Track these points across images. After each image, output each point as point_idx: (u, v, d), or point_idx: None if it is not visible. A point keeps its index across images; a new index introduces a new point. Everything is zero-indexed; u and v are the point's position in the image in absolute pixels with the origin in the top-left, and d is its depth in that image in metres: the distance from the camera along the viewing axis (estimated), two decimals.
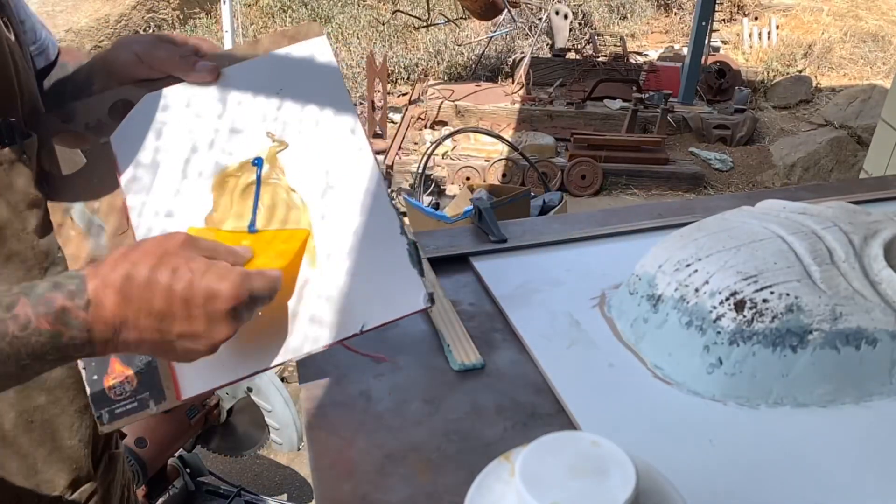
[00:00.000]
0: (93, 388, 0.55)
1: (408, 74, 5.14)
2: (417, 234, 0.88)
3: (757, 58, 5.43)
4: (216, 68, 0.61)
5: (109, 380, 0.55)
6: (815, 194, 0.99)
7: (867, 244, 0.68)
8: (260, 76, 0.61)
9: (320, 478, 0.53)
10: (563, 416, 0.59)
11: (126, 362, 0.55)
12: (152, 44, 0.60)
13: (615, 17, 6.07)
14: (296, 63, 0.62)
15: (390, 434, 0.57)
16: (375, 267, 0.57)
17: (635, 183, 3.72)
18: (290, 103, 0.61)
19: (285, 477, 1.72)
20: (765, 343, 0.60)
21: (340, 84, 0.63)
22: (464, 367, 0.65)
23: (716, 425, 0.58)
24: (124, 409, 0.55)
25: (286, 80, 0.62)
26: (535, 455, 0.38)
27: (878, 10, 6.07)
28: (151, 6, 5.40)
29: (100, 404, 0.55)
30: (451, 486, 0.52)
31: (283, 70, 0.62)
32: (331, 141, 0.60)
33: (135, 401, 0.55)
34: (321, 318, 0.56)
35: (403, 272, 0.56)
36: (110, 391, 0.55)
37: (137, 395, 0.55)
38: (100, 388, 0.55)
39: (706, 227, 0.71)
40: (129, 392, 0.55)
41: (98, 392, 0.55)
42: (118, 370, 0.55)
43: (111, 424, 0.55)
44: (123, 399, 0.55)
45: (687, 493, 0.40)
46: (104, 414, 0.55)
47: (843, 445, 0.57)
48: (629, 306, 0.71)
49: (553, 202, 2.69)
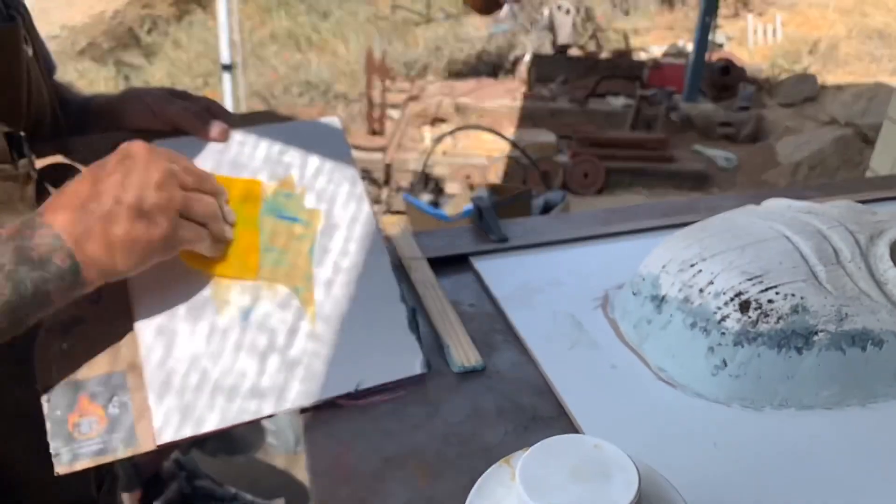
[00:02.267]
0: (54, 424, 0.50)
1: (407, 71, 5.14)
2: (417, 233, 0.88)
3: (762, 55, 5.41)
4: (227, 129, 0.62)
5: (75, 416, 0.51)
6: (820, 193, 0.98)
7: (873, 244, 0.67)
8: (270, 142, 0.64)
9: (317, 482, 0.53)
10: (564, 419, 0.59)
11: (96, 400, 0.52)
12: (165, 98, 0.62)
13: (618, 12, 6.05)
14: (307, 136, 0.66)
15: (389, 437, 0.57)
16: (374, 329, 0.59)
17: (639, 181, 3.71)
18: (297, 169, 0.64)
19: (282, 480, 1.72)
20: (770, 344, 0.59)
21: (349, 156, 0.66)
22: (464, 368, 0.64)
23: (720, 428, 0.58)
24: (87, 450, 0.50)
25: (296, 149, 0.64)
26: (536, 459, 0.38)
27: (884, 6, 6.03)
28: (146, 2, 5.41)
29: (60, 442, 0.50)
30: (451, 491, 0.51)
31: (294, 139, 0.65)
32: (337, 206, 0.63)
33: (101, 442, 0.51)
34: (316, 373, 0.56)
35: (401, 337, 0.59)
36: (74, 429, 0.51)
37: (105, 436, 0.51)
38: (62, 425, 0.50)
39: (711, 227, 0.70)
40: (96, 432, 0.51)
41: (59, 429, 0.50)
42: (86, 407, 0.51)
43: (70, 465, 0.50)
44: (88, 439, 0.50)
45: (690, 496, 0.39)
46: (63, 453, 0.50)
47: (848, 448, 0.56)
48: (632, 307, 0.70)
49: (555, 201, 2.68)
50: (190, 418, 0.53)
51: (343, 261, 0.61)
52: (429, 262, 0.80)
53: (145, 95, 0.62)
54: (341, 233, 0.62)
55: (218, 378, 0.55)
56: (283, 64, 5.20)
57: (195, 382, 0.54)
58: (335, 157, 0.66)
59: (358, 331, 0.58)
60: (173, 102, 0.61)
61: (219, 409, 0.53)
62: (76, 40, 4.86)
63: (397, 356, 0.58)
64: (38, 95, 0.58)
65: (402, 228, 0.87)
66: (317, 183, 0.64)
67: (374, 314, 0.60)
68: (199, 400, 0.53)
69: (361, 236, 0.63)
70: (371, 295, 0.60)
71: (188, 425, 0.53)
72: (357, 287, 0.60)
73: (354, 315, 0.59)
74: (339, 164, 0.65)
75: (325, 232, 0.62)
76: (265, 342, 0.57)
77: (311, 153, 0.65)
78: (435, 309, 0.71)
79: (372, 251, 0.62)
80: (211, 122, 0.60)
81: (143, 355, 0.54)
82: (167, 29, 5.47)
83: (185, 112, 0.60)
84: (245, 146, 0.63)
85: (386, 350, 0.58)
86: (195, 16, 5.70)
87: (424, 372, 0.58)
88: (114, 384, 0.52)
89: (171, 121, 0.60)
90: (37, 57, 0.58)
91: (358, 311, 0.59)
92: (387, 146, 3.74)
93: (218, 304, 0.57)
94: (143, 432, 0.52)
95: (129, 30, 5.28)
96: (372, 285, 0.61)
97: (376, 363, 0.58)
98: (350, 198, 0.64)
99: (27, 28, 0.57)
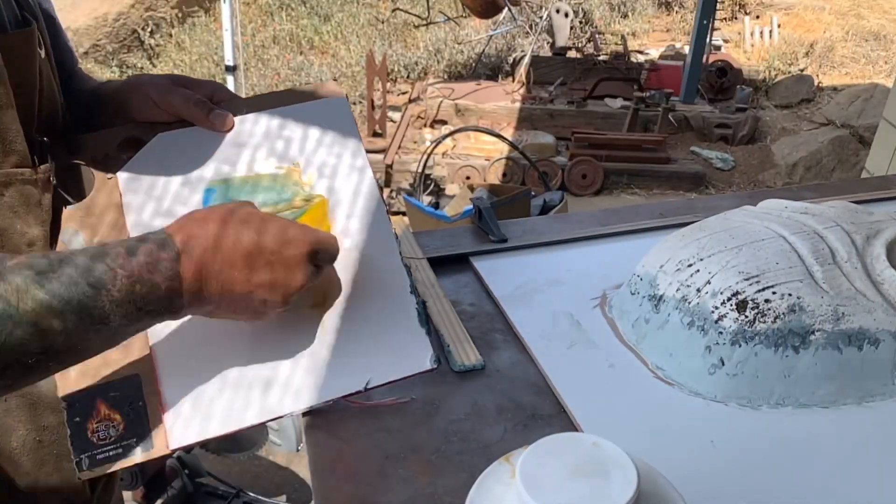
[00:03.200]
0: (74, 431, 0.50)
1: (407, 73, 5.14)
2: (417, 233, 0.88)
3: (758, 56, 5.42)
4: (230, 117, 0.61)
5: (93, 423, 0.51)
6: (816, 194, 0.99)
7: (869, 244, 0.68)
8: (275, 127, 0.62)
9: (319, 479, 0.53)
10: (563, 417, 0.59)
11: (114, 405, 0.52)
12: (167, 88, 0.61)
13: (616, 15, 6.06)
14: (313, 117, 0.63)
15: (390, 435, 0.57)
16: (383, 325, 0.57)
17: (636, 182, 3.71)
18: (305, 156, 0.62)
19: (284, 478, 1.72)
20: (767, 343, 0.60)
21: (357, 141, 0.63)
22: (464, 367, 0.65)
23: (717, 426, 0.58)
24: (107, 456, 0.50)
25: (303, 133, 0.62)
26: (535, 456, 0.38)
27: (879, 8, 6.06)
28: (150, 4, 5.40)
29: (80, 448, 0.50)
30: (452, 488, 0.52)
31: (300, 123, 0.62)
32: (346, 196, 0.61)
33: (119, 447, 0.51)
34: (325, 372, 0.55)
35: (411, 331, 0.57)
36: (93, 435, 0.51)
37: (123, 440, 0.51)
38: (82, 431, 0.51)
39: (708, 227, 0.71)
40: (114, 437, 0.51)
41: (80, 435, 0.50)
42: (104, 413, 0.51)
43: (91, 471, 0.50)
44: (107, 444, 0.51)
45: (688, 493, 0.40)
46: (84, 459, 0.50)
47: (844, 446, 0.56)
48: (630, 307, 0.70)
49: (554, 202, 2.68)
50: (203, 421, 0.52)
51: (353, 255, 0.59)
52: (429, 262, 0.80)
53: (148, 86, 0.61)
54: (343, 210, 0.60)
55: (231, 380, 0.54)
56: (284, 66, 5.20)
57: (208, 385, 0.53)
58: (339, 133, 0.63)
59: (367, 326, 0.57)
60: (176, 93, 0.60)
61: (232, 412, 0.53)
62: (80, 42, 4.86)
63: (406, 352, 0.56)
64: (50, 97, 0.58)
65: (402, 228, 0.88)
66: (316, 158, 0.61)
67: (383, 308, 0.58)
68: (213, 403, 0.53)
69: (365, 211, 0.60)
70: (380, 288, 0.58)
71: (202, 428, 0.52)
72: (366, 280, 0.58)
73: (363, 310, 0.57)
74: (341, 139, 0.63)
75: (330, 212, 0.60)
76: (277, 343, 0.56)
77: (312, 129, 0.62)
78: (435, 309, 0.72)
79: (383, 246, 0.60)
80: (214, 113, 0.59)
81: (157, 358, 0.53)
82: (170, 31, 5.48)
83: (187, 102, 0.59)
84: (245, 123, 0.61)
85: (395, 346, 0.56)
86: (198, 18, 5.70)
87: (434, 367, 0.56)
88: (131, 388, 0.52)
89: (174, 112, 0.60)
90: (49, 58, 0.58)
91: (367, 305, 0.57)
92: (387, 148, 3.75)
93: None
94: (159, 436, 0.51)
95: (132, 32, 5.28)
96: (382, 279, 0.59)
97: (385, 359, 0.56)
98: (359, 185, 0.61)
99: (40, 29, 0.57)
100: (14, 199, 0.53)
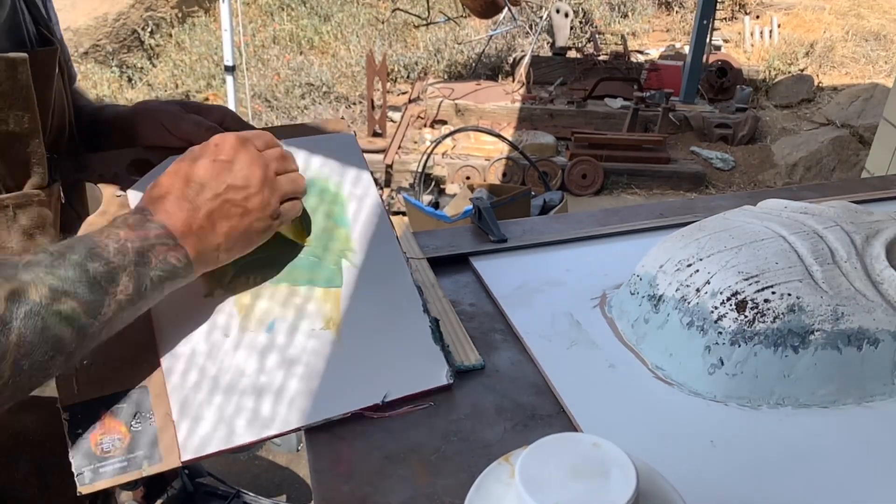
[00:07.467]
0: (75, 443, 0.49)
1: (407, 73, 5.14)
2: (417, 233, 0.88)
3: (758, 56, 5.43)
4: None
5: (97, 435, 0.49)
6: (816, 194, 0.99)
7: (869, 244, 0.68)
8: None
9: (319, 479, 0.53)
10: (563, 417, 0.59)
11: (119, 417, 0.50)
12: (179, 115, 0.62)
13: (616, 15, 6.07)
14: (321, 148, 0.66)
15: (389, 435, 0.57)
16: (398, 343, 0.59)
17: (636, 182, 3.72)
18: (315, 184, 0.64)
19: (284, 478, 1.72)
20: (766, 343, 0.60)
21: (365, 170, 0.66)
22: (463, 367, 0.65)
23: (717, 426, 0.58)
24: (110, 469, 0.49)
25: (312, 161, 0.64)
26: (535, 456, 0.38)
27: (879, 8, 6.06)
28: (150, 4, 5.40)
29: (82, 461, 0.48)
30: (451, 488, 0.52)
31: (310, 152, 0.65)
32: (357, 221, 0.63)
33: (124, 460, 0.49)
34: (342, 385, 0.56)
35: (426, 348, 0.59)
36: (97, 447, 0.49)
37: (128, 453, 0.49)
38: (84, 443, 0.49)
39: (707, 227, 0.71)
40: (120, 450, 0.49)
41: (81, 447, 0.49)
42: (109, 424, 0.50)
43: (92, 485, 0.48)
44: (111, 457, 0.49)
45: (688, 494, 0.40)
46: (86, 473, 0.48)
47: (844, 446, 0.56)
48: (630, 306, 0.70)
49: (554, 201, 2.69)
50: (215, 433, 0.51)
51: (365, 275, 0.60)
52: (429, 262, 0.80)
53: (158, 113, 0.62)
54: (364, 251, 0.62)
55: (242, 391, 0.53)
56: (284, 66, 5.21)
57: (219, 397, 0.53)
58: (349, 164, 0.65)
59: (383, 342, 0.58)
60: (186, 119, 0.61)
61: (244, 424, 0.52)
62: (80, 42, 4.86)
63: (423, 367, 0.58)
64: (61, 113, 0.58)
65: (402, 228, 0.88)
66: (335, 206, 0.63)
67: (398, 326, 0.59)
68: (224, 414, 0.52)
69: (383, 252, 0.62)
70: (393, 306, 0.60)
71: (214, 441, 0.51)
72: (379, 299, 0.60)
73: (378, 326, 0.59)
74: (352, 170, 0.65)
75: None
76: (289, 355, 0.56)
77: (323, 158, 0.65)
78: (435, 309, 0.72)
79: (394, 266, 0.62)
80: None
81: (166, 369, 0.53)
82: (170, 31, 5.47)
83: (198, 128, 0.60)
84: None
85: (411, 361, 0.58)
86: (197, 18, 5.70)
87: (450, 382, 0.58)
88: (136, 400, 0.51)
89: (185, 137, 0.60)
90: (63, 74, 0.58)
91: (381, 323, 0.59)
92: (387, 148, 3.75)
93: (240, 317, 0.56)
94: (167, 448, 0.50)
95: (132, 32, 5.27)
96: (394, 298, 0.61)
97: (402, 374, 0.57)
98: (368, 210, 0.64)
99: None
100: (29, 221, 0.53)
